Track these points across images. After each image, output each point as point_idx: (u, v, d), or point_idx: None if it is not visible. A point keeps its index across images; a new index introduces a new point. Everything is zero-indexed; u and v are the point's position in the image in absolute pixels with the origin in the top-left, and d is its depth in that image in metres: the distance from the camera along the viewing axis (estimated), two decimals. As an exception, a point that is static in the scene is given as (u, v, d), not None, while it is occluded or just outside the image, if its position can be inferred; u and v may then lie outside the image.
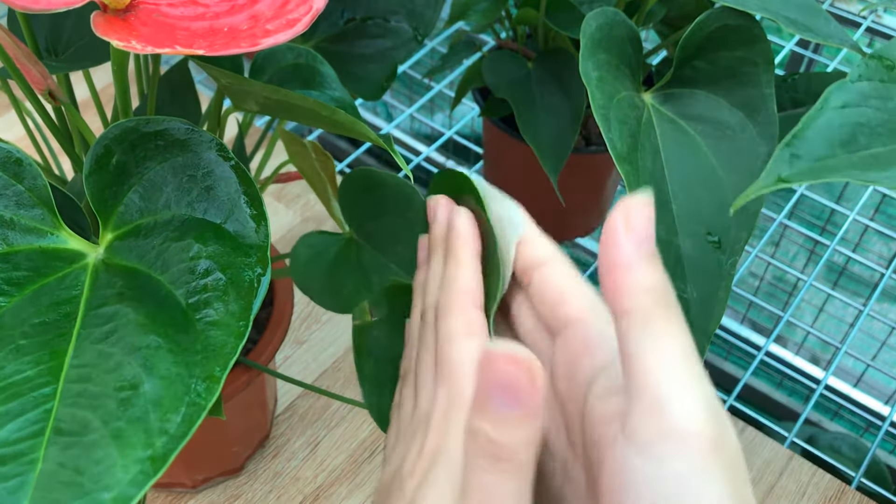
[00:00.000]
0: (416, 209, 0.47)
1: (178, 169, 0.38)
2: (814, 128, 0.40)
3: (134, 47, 0.30)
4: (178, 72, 0.57)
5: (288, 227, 0.87)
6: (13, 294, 0.34)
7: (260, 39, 0.32)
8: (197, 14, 0.34)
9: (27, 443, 0.29)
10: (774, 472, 0.69)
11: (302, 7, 0.34)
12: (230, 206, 0.36)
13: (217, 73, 0.43)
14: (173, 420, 0.30)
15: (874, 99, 0.42)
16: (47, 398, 0.30)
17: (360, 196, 0.49)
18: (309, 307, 0.79)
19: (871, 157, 0.39)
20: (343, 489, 0.67)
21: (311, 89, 0.53)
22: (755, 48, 0.55)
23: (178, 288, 0.34)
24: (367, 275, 0.48)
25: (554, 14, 0.68)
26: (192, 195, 0.37)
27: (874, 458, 0.87)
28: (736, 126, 0.55)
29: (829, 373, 0.79)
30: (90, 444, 0.29)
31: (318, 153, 0.48)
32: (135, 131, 0.39)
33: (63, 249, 0.36)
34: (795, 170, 0.39)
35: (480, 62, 0.75)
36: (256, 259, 0.35)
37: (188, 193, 0.37)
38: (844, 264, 1.14)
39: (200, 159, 0.38)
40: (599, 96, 0.51)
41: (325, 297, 0.49)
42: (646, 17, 0.68)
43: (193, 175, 0.38)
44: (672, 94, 0.56)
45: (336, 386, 0.74)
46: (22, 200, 0.37)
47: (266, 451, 0.69)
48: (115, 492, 0.28)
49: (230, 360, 0.31)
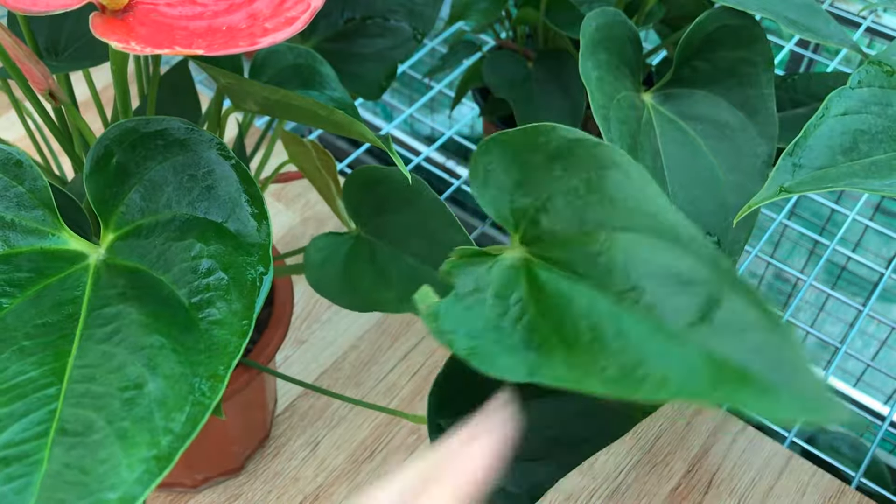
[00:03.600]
0: (426, 202, 0.46)
1: (179, 168, 0.38)
2: (815, 136, 0.41)
3: (133, 48, 0.30)
4: (178, 72, 0.57)
5: (288, 226, 0.87)
6: (15, 295, 0.34)
7: (259, 38, 0.32)
8: (195, 13, 0.34)
9: (32, 443, 0.29)
10: (774, 471, 0.69)
11: (300, 5, 0.34)
12: (231, 206, 0.36)
13: (217, 74, 0.43)
14: (178, 419, 0.30)
15: (874, 105, 0.42)
16: (51, 399, 0.30)
17: (366, 193, 0.49)
18: (309, 307, 0.79)
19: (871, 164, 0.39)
20: (343, 489, 0.67)
21: (310, 89, 0.53)
22: (755, 48, 0.55)
23: (181, 287, 0.34)
24: (383, 271, 0.47)
25: (554, 14, 0.68)
26: (193, 195, 0.37)
27: (874, 458, 0.88)
28: (736, 126, 0.55)
29: (828, 373, 0.79)
30: (95, 444, 0.29)
31: (320, 152, 0.48)
32: (135, 131, 0.39)
33: (64, 250, 0.36)
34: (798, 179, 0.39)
35: (480, 62, 0.75)
36: (258, 258, 0.35)
37: (189, 193, 0.37)
38: (844, 264, 1.14)
39: (201, 159, 0.38)
40: (599, 96, 0.51)
41: (344, 297, 0.48)
42: (646, 17, 0.68)
43: (194, 174, 0.38)
44: (672, 94, 0.56)
45: (336, 385, 0.74)
46: (23, 202, 0.37)
47: (266, 451, 0.69)
48: (121, 491, 0.28)
49: (234, 358, 0.31)
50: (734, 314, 0.32)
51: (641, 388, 0.31)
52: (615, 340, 0.33)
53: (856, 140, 0.41)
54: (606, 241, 0.36)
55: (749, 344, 0.31)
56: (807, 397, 0.29)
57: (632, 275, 0.35)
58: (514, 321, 0.36)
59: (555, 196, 0.38)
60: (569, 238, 0.37)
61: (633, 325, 0.33)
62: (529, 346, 0.34)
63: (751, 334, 0.31)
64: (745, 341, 0.31)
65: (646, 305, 0.34)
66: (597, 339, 0.33)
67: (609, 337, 0.33)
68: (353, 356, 0.76)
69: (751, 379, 0.30)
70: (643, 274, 0.34)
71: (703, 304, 0.33)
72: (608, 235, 0.36)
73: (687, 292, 0.33)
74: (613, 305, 0.34)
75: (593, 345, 0.33)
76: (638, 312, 0.34)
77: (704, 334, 0.32)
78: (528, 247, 0.39)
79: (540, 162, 0.39)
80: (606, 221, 0.37)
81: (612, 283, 0.35)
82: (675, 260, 0.34)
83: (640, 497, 0.67)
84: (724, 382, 0.31)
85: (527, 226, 0.39)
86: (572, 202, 0.38)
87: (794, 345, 0.31)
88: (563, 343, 0.34)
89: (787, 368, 0.30)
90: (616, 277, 0.35)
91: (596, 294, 0.35)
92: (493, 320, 0.36)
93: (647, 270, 0.35)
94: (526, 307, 0.36)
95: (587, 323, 0.34)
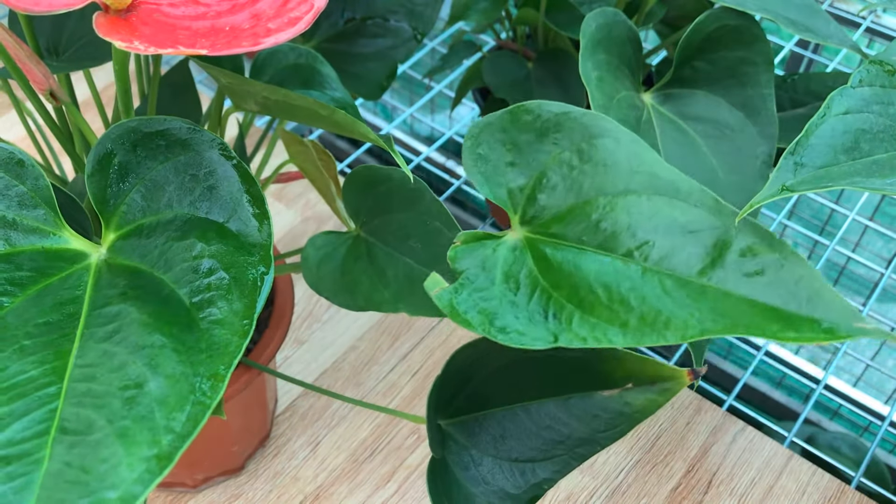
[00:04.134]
0: (426, 203, 0.46)
1: (180, 168, 0.38)
2: (817, 135, 0.41)
3: (136, 48, 0.30)
4: (178, 72, 0.57)
5: (289, 226, 0.87)
6: (16, 294, 0.34)
7: (262, 38, 0.32)
8: (198, 13, 0.34)
9: (32, 442, 0.29)
10: (774, 471, 0.69)
11: (303, 5, 0.34)
12: (233, 206, 0.37)
13: (218, 73, 0.43)
14: (179, 418, 0.30)
15: (876, 104, 0.42)
16: (52, 398, 0.30)
17: (366, 193, 0.49)
18: (309, 307, 0.79)
19: (873, 163, 0.40)
20: (343, 488, 0.67)
21: (311, 89, 0.53)
22: (755, 48, 0.55)
23: (182, 287, 0.34)
24: (381, 271, 0.47)
25: (554, 14, 0.68)
26: (194, 194, 0.37)
27: (874, 458, 0.88)
28: (735, 126, 0.55)
29: (828, 372, 0.79)
30: (95, 443, 0.29)
31: (320, 152, 0.48)
32: (136, 131, 0.39)
33: (66, 249, 0.36)
34: (799, 178, 0.39)
35: (480, 62, 0.75)
36: (259, 258, 0.35)
37: (190, 193, 0.37)
38: (844, 264, 1.14)
39: (202, 158, 0.38)
40: (599, 96, 0.51)
41: (341, 297, 0.49)
42: (646, 17, 0.68)
43: (195, 174, 0.38)
44: (672, 94, 0.56)
45: (336, 385, 0.74)
46: (24, 201, 0.37)
47: (266, 451, 0.69)
48: (121, 490, 0.28)
49: (234, 358, 0.32)
50: (745, 254, 0.33)
51: (666, 334, 0.33)
52: (631, 295, 0.35)
53: (857, 139, 0.41)
54: (607, 207, 0.37)
55: (765, 279, 0.32)
56: (835, 319, 0.30)
57: (638, 233, 0.36)
58: (528, 295, 0.37)
59: (549, 171, 0.39)
60: (568, 210, 0.38)
61: (646, 278, 0.35)
62: (548, 316, 0.36)
63: (766, 269, 0.33)
64: (762, 277, 0.33)
65: (656, 258, 0.35)
66: (612, 298, 0.35)
67: (624, 293, 0.35)
68: (353, 356, 0.76)
69: (774, 312, 0.32)
70: (649, 230, 0.36)
71: (713, 249, 0.34)
72: (608, 201, 0.37)
73: (695, 240, 0.35)
74: (623, 264, 0.36)
75: (611, 303, 0.35)
76: (649, 266, 0.35)
77: (719, 277, 0.33)
78: (529, 225, 0.40)
79: (530, 140, 0.40)
80: (604, 187, 0.38)
81: (618, 245, 0.36)
82: (678, 212, 0.36)
83: (640, 497, 0.68)
84: (747, 318, 0.32)
85: (525, 205, 0.40)
86: (567, 175, 0.39)
87: (808, 274, 0.32)
88: (579, 307, 0.35)
89: (808, 296, 0.32)
90: (622, 238, 0.36)
91: (604, 257, 0.36)
92: (506, 297, 0.37)
93: (652, 226, 0.36)
94: (537, 281, 0.37)
95: (600, 284, 0.35)
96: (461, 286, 0.38)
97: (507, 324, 0.36)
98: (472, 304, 0.37)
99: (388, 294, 0.47)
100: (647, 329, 0.33)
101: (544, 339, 0.34)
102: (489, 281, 0.38)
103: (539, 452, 0.45)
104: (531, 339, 0.35)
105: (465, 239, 0.40)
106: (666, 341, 0.32)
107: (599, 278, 0.35)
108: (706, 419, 0.73)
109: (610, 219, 0.37)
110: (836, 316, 0.31)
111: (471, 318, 0.36)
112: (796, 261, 0.32)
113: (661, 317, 0.33)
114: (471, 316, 0.36)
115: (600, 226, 0.37)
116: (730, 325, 0.32)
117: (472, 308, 0.37)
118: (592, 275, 0.36)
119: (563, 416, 0.45)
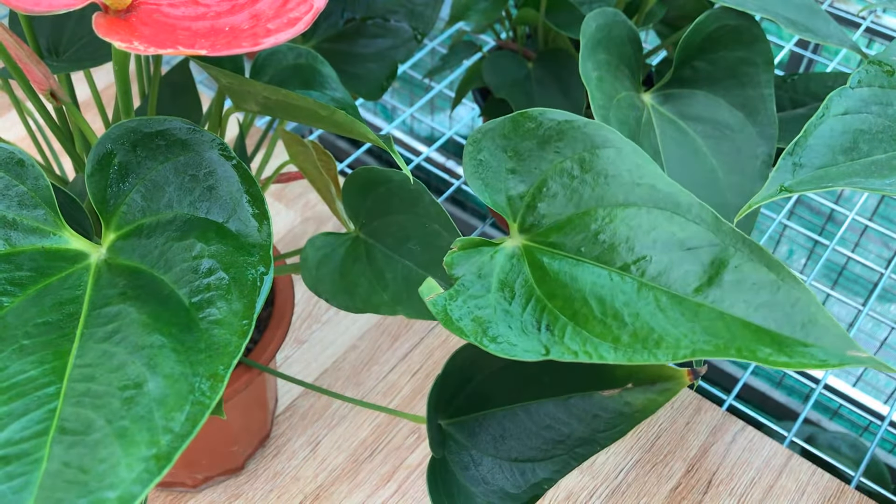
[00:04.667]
0: (425, 205, 0.46)
1: (180, 168, 0.38)
2: (815, 135, 0.41)
3: (136, 48, 0.30)
4: (178, 72, 0.57)
5: (289, 226, 0.87)
6: (16, 294, 0.34)
7: (261, 39, 0.32)
8: (198, 14, 0.34)
9: (31, 442, 0.29)
10: (774, 471, 0.69)
11: (303, 6, 0.34)
12: (232, 206, 0.37)
13: (218, 74, 0.44)
14: (177, 418, 0.30)
15: (875, 105, 0.42)
16: (51, 398, 0.30)
17: (365, 194, 0.49)
18: (309, 307, 0.79)
19: (872, 164, 0.40)
20: (344, 488, 0.67)
21: (311, 89, 0.53)
22: (755, 48, 0.55)
23: (182, 287, 0.34)
24: (380, 273, 0.47)
25: (554, 14, 0.68)
26: (194, 195, 0.37)
27: (873, 458, 0.88)
28: (735, 126, 0.55)
29: (828, 372, 0.79)
30: (94, 442, 0.29)
31: (320, 153, 0.48)
32: (136, 131, 0.39)
33: (66, 249, 0.36)
34: (798, 178, 0.39)
35: (480, 62, 0.75)
36: (259, 258, 0.35)
37: (190, 193, 0.37)
38: (844, 264, 1.14)
39: (202, 159, 0.38)
40: (599, 96, 0.51)
41: (340, 298, 0.49)
42: (646, 17, 0.68)
43: (195, 175, 0.38)
44: (672, 94, 0.56)
45: (336, 385, 0.74)
46: (24, 201, 0.37)
47: (266, 451, 0.69)
48: (120, 490, 0.28)
49: (234, 358, 0.32)
50: (742, 274, 0.33)
51: (657, 353, 0.32)
52: (625, 310, 0.34)
53: (856, 139, 0.41)
54: (606, 218, 0.37)
55: (761, 300, 0.32)
56: (829, 346, 0.30)
57: (635, 247, 0.36)
58: (522, 305, 0.36)
59: (550, 180, 0.39)
60: (567, 220, 0.38)
61: (641, 293, 0.34)
62: (541, 327, 0.35)
63: (762, 291, 0.32)
64: (757, 299, 0.32)
65: (653, 274, 0.35)
66: (607, 312, 0.34)
67: (619, 307, 0.34)
68: (353, 356, 0.76)
69: (768, 335, 0.31)
70: (647, 244, 0.35)
71: (710, 267, 0.34)
72: (607, 212, 0.37)
73: (692, 257, 0.34)
74: (619, 278, 0.35)
75: (604, 318, 0.34)
76: (645, 281, 0.35)
77: (715, 296, 0.33)
78: (527, 234, 0.39)
79: (532, 147, 0.40)
80: (604, 198, 0.37)
81: (615, 258, 0.36)
82: (676, 227, 0.35)
83: (639, 497, 0.68)
84: (739, 340, 0.32)
85: (525, 213, 0.40)
86: (567, 184, 0.38)
87: (805, 297, 0.32)
88: (573, 319, 0.35)
89: (803, 321, 0.31)
90: (619, 251, 0.36)
91: (600, 270, 0.36)
92: (501, 306, 0.37)
93: (650, 240, 0.36)
94: (532, 290, 0.37)
95: (595, 297, 0.35)
96: (456, 293, 0.38)
97: (500, 334, 0.35)
98: (467, 312, 0.37)
99: (387, 296, 0.47)
100: (639, 346, 0.32)
101: (535, 351, 0.34)
102: (485, 288, 0.37)
103: (539, 452, 0.45)
104: (522, 351, 0.34)
105: (462, 245, 0.40)
106: (657, 360, 0.32)
107: (595, 291, 0.35)
108: (706, 419, 0.73)
109: (609, 230, 0.36)
110: (831, 343, 0.30)
111: (464, 325, 0.36)
112: (793, 283, 0.32)
113: (653, 335, 0.33)
114: (464, 324, 0.36)
115: (599, 237, 0.37)
116: (722, 347, 0.31)
117: (466, 315, 0.36)
118: (588, 287, 0.35)
119: (563, 415, 0.45)
